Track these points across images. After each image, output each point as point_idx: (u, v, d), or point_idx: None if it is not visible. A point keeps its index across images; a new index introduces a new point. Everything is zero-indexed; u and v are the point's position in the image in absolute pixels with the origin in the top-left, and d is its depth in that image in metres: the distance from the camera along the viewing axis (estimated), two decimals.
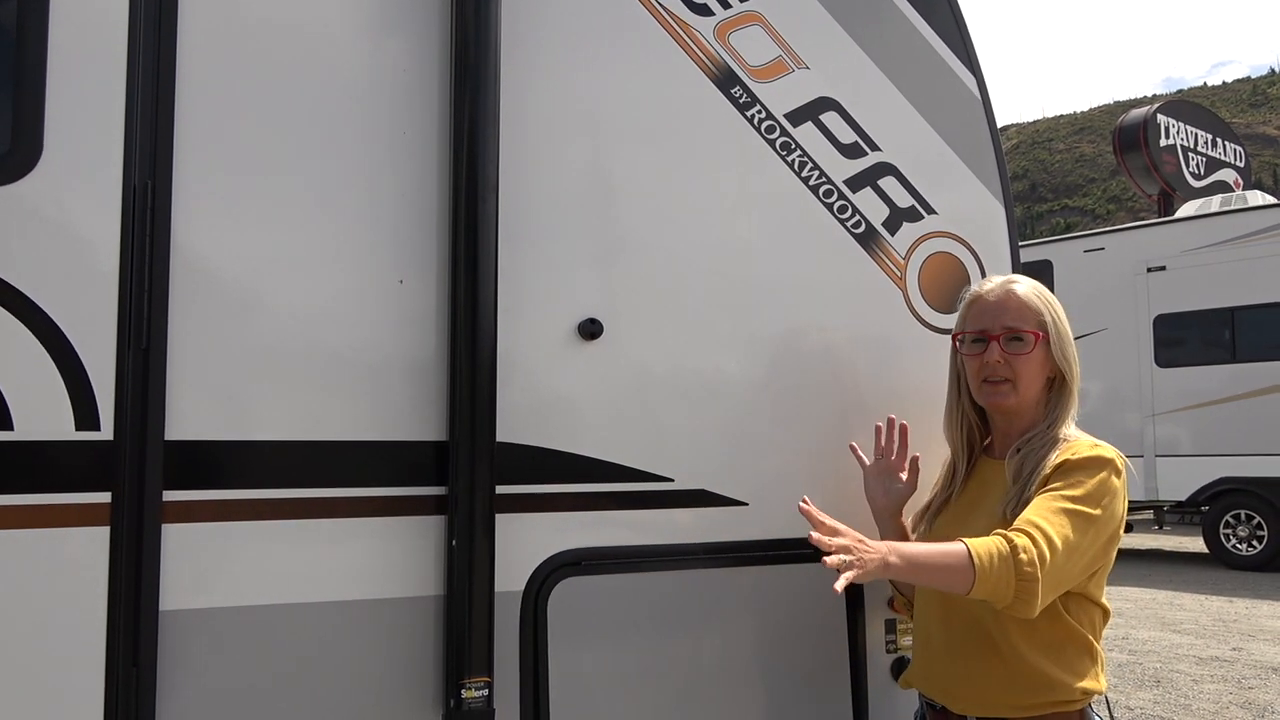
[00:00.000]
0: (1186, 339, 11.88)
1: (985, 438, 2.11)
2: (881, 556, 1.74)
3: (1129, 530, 12.50)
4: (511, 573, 1.94)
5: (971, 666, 1.92)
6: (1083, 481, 1.84)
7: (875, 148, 2.38)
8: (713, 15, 2.24)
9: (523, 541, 1.96)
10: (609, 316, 2.07)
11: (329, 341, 1.86)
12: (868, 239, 2.36)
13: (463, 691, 1.84)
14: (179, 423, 1.73)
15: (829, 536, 1.74)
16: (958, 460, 2.10)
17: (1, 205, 1.65)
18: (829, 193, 2.33)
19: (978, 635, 1.89)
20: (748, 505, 2.17)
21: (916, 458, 2.19)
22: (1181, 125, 17.64)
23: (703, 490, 2.14)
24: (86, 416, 1.67)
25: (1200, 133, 17.96)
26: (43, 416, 1.65)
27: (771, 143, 2.28)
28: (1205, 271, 11.61)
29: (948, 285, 2.41)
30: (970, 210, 2.50)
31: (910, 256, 2.41)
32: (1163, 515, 12.44)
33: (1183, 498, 11.90)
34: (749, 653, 2.17)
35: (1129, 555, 12.80)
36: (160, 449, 1.71)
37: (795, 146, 2.30)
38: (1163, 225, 13.02)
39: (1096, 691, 1.90)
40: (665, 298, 2.14)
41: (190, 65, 1.79)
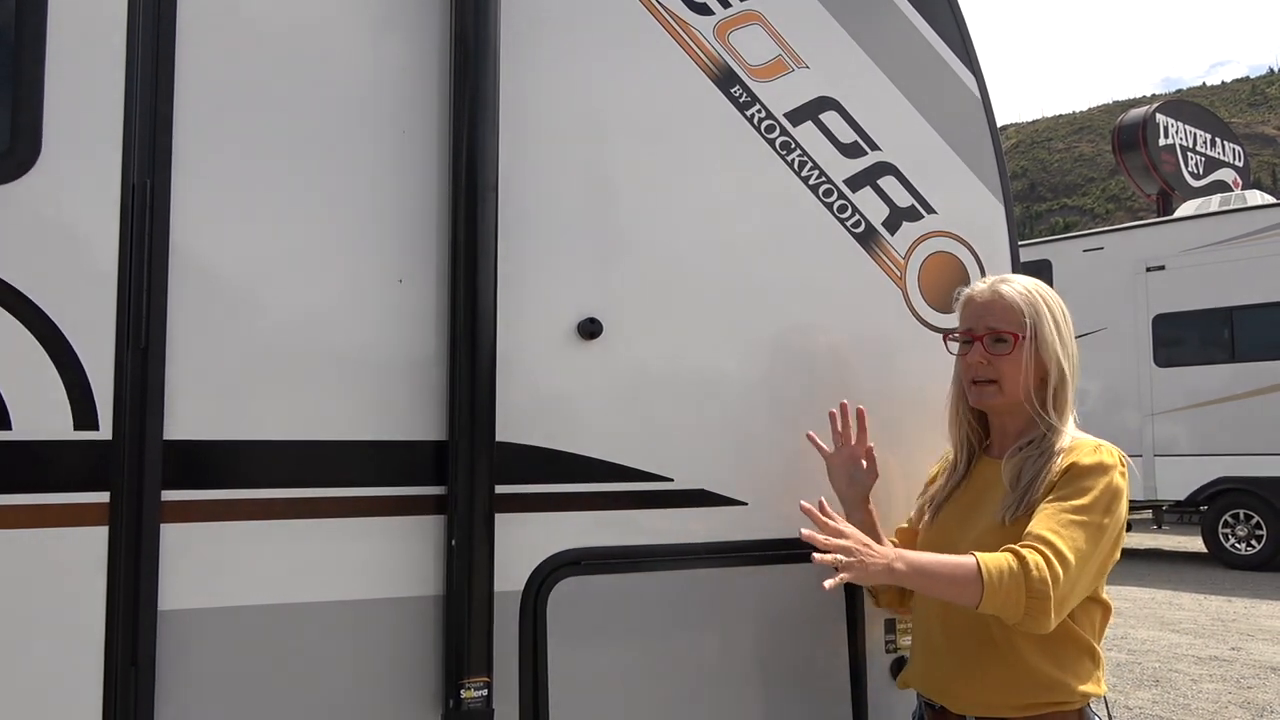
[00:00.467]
0: (1185, 338, 11.89)
1: (985, 437, 2.11)
2: (887, 562, 1.74)
3: (1128, 530, 12.48)
4: (511, 572, 1.94)
5: (971, 667, 1.92)
6: (1090, 489, 1.84)
7: (875, 147, 2.38)
8: (712, 14, 2.24)
9: (522, 541, 1.96)
10: (608, 316, 2.07)
11: (328, 341, 1.86)
12: (867, 238, 2.36)
13: (462, 691, 1.84)
14: (178, 422, 1.73)
15: (834, 537, 1.75)
16: (957, 458, 2.10)
17: (0, 204, 1.65)
18: (829, 192, 2.32)
19: (978, 636, 1.89)
20: (747, 505, 2.16)
21: (871, 447, 2.18)
22: (1180, 125, 17.64)
23: (702, 490, 2.14)
24: (85, 416, 1.67)
25: (1199, 132, 17.96)
26: (41, 416, 1.64)
27: (771, 142, 2.28)
28: (1204, 271, 11.62)
29: (947, 285, 2.40)
30: (970, 210, 2.50)
31: (910, 256, 2.40)
32: (1162, 515, 12.45)
33: (1182, 497, 11.90)
34: (748, 652, 2.17)
35: (1128, 555, 12.76)
36: (159, 449, 1.71)
37: (795, 146, 2.30)
38: (1162, 225, 13.02)
39: (1095, 694, 1.90)
40: (665, 297, 2.14)
41: (189, 64, 1.78)
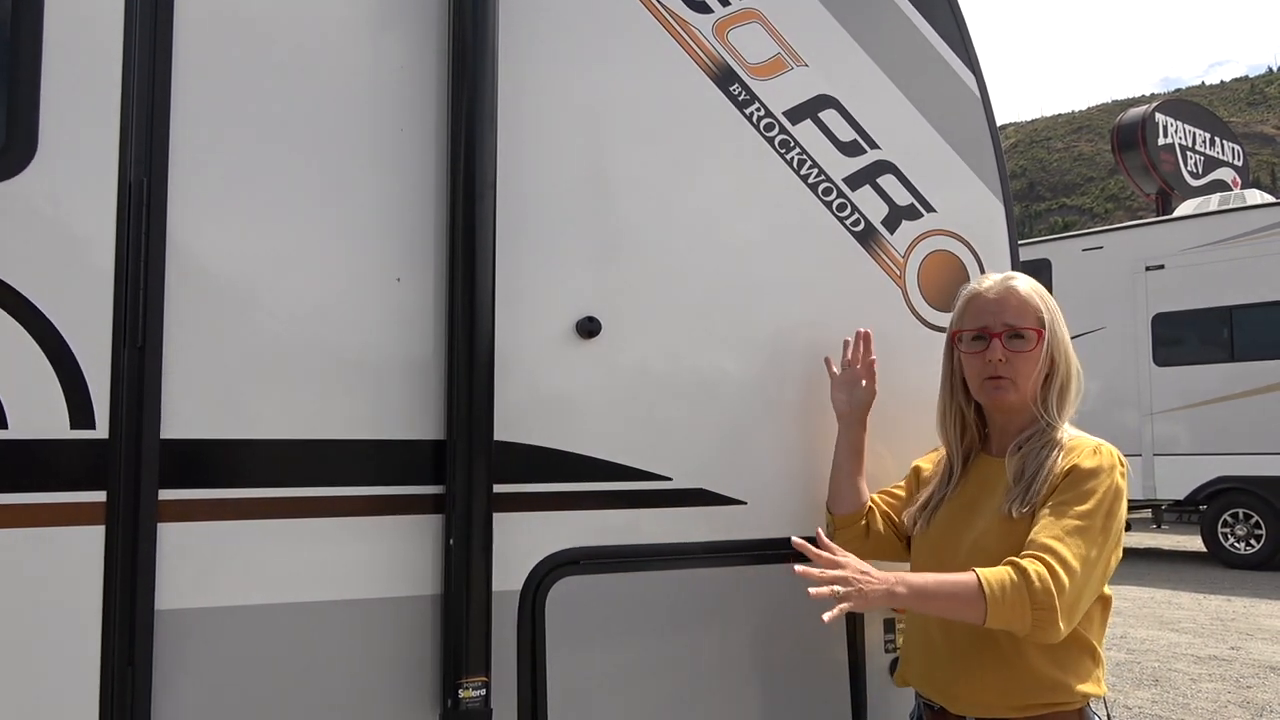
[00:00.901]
0: (1185, 338, 11.89)
1: (981, 435, 2.11)
2: (887, 587, 1.75)
3: (1127, 529, 12.48)
4: (509, 572, 1.93)
5: (972, 667, 1.91)
6: (1092, 492, 1.85)
7: (874, 145, 2.38)
8: (711, 12, 2.23)
9: (520, 540, 1.95)
10: (607, 315, 2.06)
11: (326, 339, 1.85)
12: (867, 237, 2.35)
13: (460, 691, 1.83)
14: (175, 421, 1.72)
15: (830, 569, 1.75)
16: (953, 459, 2.09)
17: None
18: (828, 191, 2.32)
19: (978, 636, 1.88)
20: (746, 504, 2.16)
21: (874, 361, 2.23)
22: (1179, 124, 17.65)
23: (701, 489, 2.13)
24: (82, 415, 1.66)
25: (1198, 132, 17.96)
26: (37, 415, 1.64)
27: (770, 140, 2.27)
28: (1203, 270, 11.62)
29: (947, 283, 2.40)
30: (969, 208, 2.49)
31: (909, 255, 2.40)
32: (1161, 514, 12.45)
33: (1181, 496, 11.91)
34: (747, 652, 2.16)
35: (1127, 554, 12.64)
36: (156, 448, 1.70)
37: (794, 144, 2.29)
38: (1161, 224, 13.02)
39: (1096, 694, 1.89)
40: (663, 296, 2.13)
41: (186, 61, 1.78)
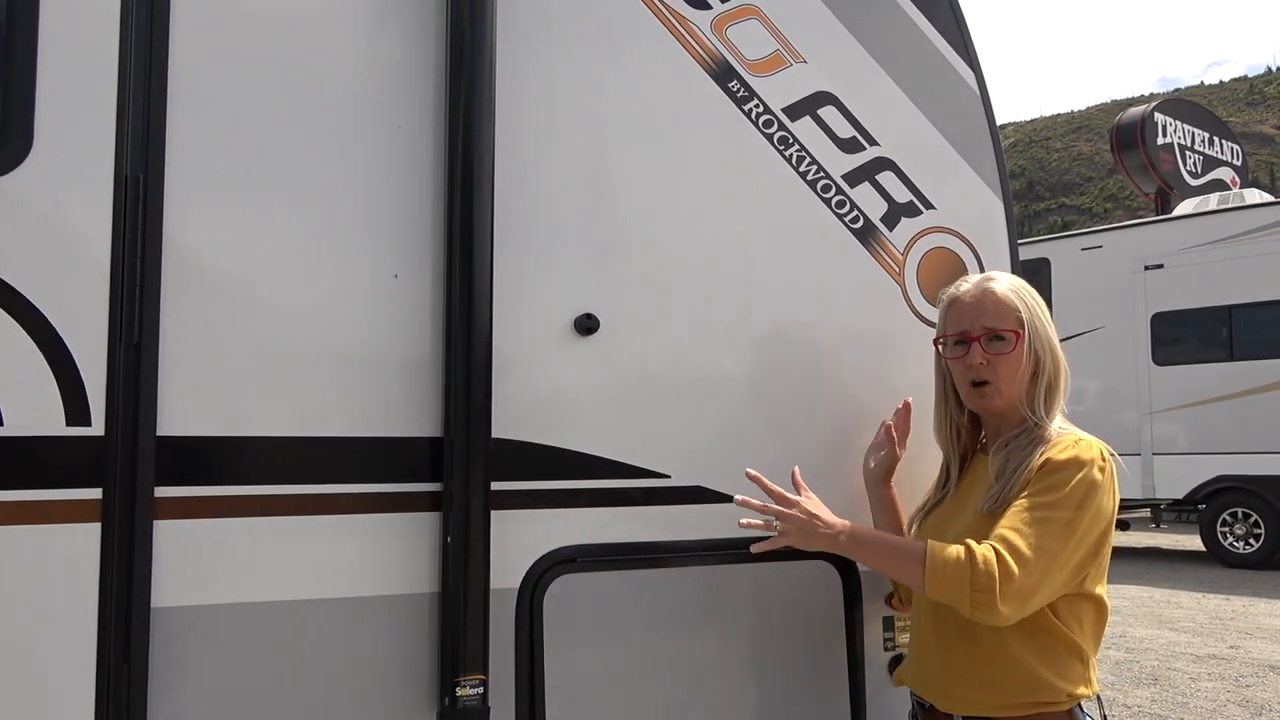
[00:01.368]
0: (1184, 337, 11.89)
1: (978, 437, 2.10)
2: (832, 533, 1.88)
3: (1125, 528, 12.53)
4: (507, 569, 1.92)
5: (960, 666, 1.91)
6: (1060, 484, 1.81)
7: (873, 142, 2.37)
8: (710, 9, 2.22)
9: (518, 538, 1.95)
10: (605, 312, 2.06)
11: (323, 336, 1.85)
12: (866, 234, 2.35)
13: (457, 689, 1.82)
14: (171, 418, 1.72)
15: (784, 506, 1.90)
16: (950, 462, 2.09)
17: None
18: (827, 188, 2.31)
19: (968, 635, 1.88)
20: None
21: (889, 425, 2.24)
22: (1179, 124, 17.65)
23: (700, 487, 2.12)
24: (77, 412, 1.66)
25: (1197, 131, 17.97)
26: (33, 412, 1.63)
27: (769, 137, 2.26)
28: (1202, 269, 11.62)
29: (946, 281, 2.37)
30: (969, 206, 2.48)
31: (909, 252, 2.39)
32: (1160, 513, 12.45)
33: (1180, 496, 11.91)
34: (746, 650, 2.16)
35: (1126, 553, 12.80)
36: (152, 445, 1.70)
37: (793, 141, 2.29)
38: (1160, 223, 13.03)
39: (1085, 695, 1.88)
40: (661, 293, 2.13)
41: (183, 57, 1.77)
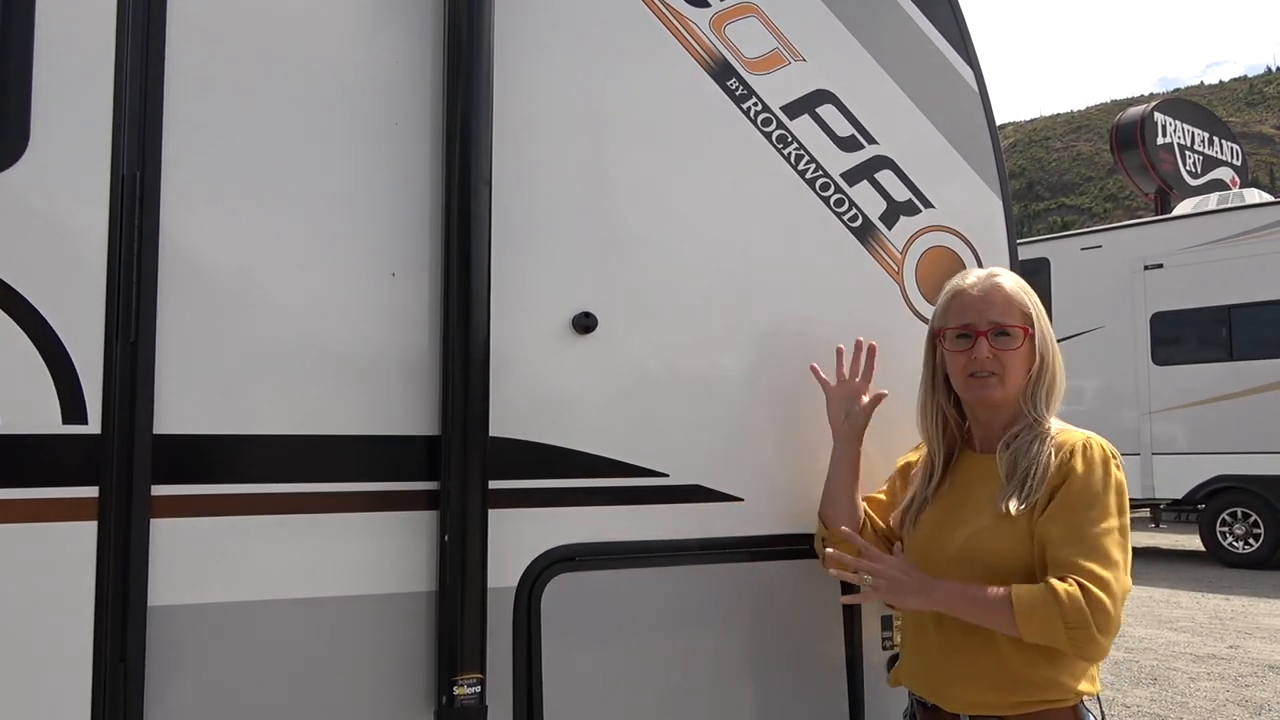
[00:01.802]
0: (1183, 337, 11.88)
1: (962, 432, 2.09)
2: (925, 588, 1.86)
3: None
4: (504, 568, 1.92)
5: (965, 666, 1.91)
6: (1101, 494, 1.85)
7: (872, 141, 2.37)
8: (708, 7, 2.22)
9: (516, 537, 1.94)
10: (603, 310, 2.05)
11: (320, 335, 1.84)
12: (864, 233, 2.34)
13: (455, 688, 1.82)
14: (167, 416, 1.71)
15: (870, 560, 1.89)
16: (934, 457, 2.07)
17: None
18: (825, 186, 2.31)
19: (973, 635, 1.88)
20: (743, 501, 2.15)
21: (881, 394, 2.19)
22: (1178, 124, 17.64)
23: (698, 486, 2.12)
24: (74, 410, 1.65)
25: (1197, 131, 17.96)
26: (29, 410, 1.63)
27: (768, 135, 2.26)
28: (1202, 269, 11.62)
29: (945, 280, 2.37)
30: (968, 204, 2.48)
31: (907, 251, 2.39)
32: (1159, 513, 12.45)
33: (1179, 495, 11.90)
34: (744, 649, 2.15)
35: None
36: (149, 443, 1.69)
37: (791, 139, 2.28)
38: (1160, 223, 13.02)
39: (1089, 692, 1.89)
40: (660, 291, 2.12)
41: (179, 55, 1.76)
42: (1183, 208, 13.38)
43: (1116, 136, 17.82)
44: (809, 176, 2.29)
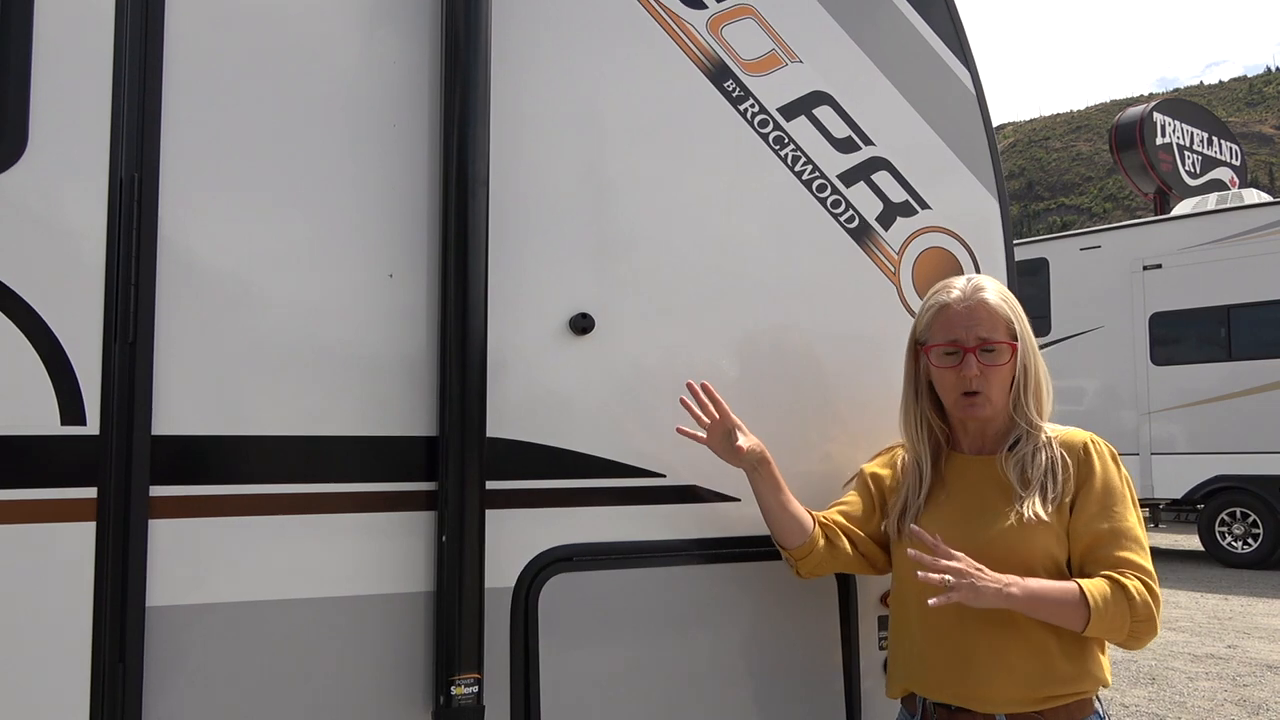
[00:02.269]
0: (1182, 337, 11.89)
1: (945, 436, 2.09)
2: (1001, 586, 1.81)
3: None
4: (502, 569, 1.93)
5: (998, 666, 1.89)
6: (1121, 494, 1.93)
7: (869, 142, 2.37)
8: (705, 8, 2.23)
9: (513, 537, 1.95)
10: (601, 311, 2.06)
11: (318, 336, 1.85)
12: (861, 234, 2.35)
13: (452, 688, 1.82)
14: (166, 417, 1.72)
15: (946, 560, 1.82)
16: (921, 462, 2.06)
17: None
18: (822, 187, 2.31)
19: (1006, 633, 1.88)
20: (740, 501, 2.15)
21: (733, 420, 2.04)
22: (1178, 124, 17.65)
23: (695, 486, 2.13)
24: (72, 411, 1.66)
25: (1196, 131, 17.97)
26: (27, 411, 1.63)
27: (764, 137, 2.27)
28: (1201, 269, 11.62)
29: (942, 280, 2.39)
30: (964, 205, 2.49)
31: (904, 251, 2.39)
32: (1158, 513, 12.44)
33: (1178, 495, 11.91)
34: (741, 649, 2.16)
35: None
36: (147, 444, 1.70)
37: (788, 140, 2.29)
38: (1159, 223, 13.02)
39: (1105, 683, 1.92)
40: (657, 292, 2.13)
41: (177, 56, 1.77)
42: (1182, 208, 13.38)
43: (1116, 136, 17.83)
44: (806, 178, 2.30)
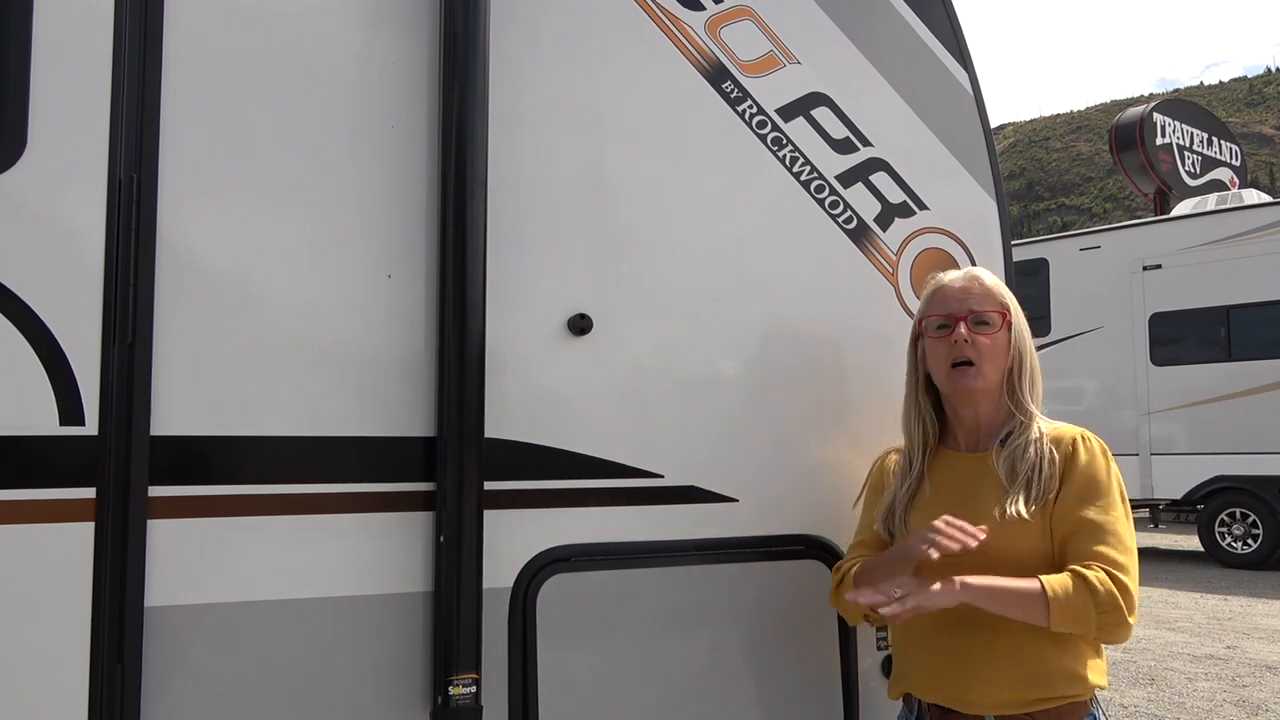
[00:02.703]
0: (1182, 337, 11.89)
1: (938, 433, 2.09)
2: (952, 587, 1.81)
3: None
4: (500, 569, 1.93)
5: (986, 667, 1.89)
6: (1107, 488, 1.91)
7: (867, 143, 2.38)
8: (703, 10, 2.23)
9: (511, 537, 1.95)
10: (599, 312, 2.06)
11: (316, 336, 1.85)
12: (859, 234, 2.35)
13: (450, 689, 1.83)
14: (164, 418, 1.72)
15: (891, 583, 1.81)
16: (913, 454, 2.07)
17: None
18: (820, 188, 2.32)
19: (996, 634, 1.88)
20: (738, 501, 2.16)
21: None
22: (1178, 124, 17.66)
23: (693, 486, 2.13)
24: (71, 411, 1.66)
25: (1196, 131, 17.98)
26: (26, 411, 1.63)
27: (763, 138, 2.27)
28: (1201, 270, 11.63)
29: None
30: (962, 205, 2.49)
31: (902, 252, 2.40)
32: (1158, 513, 12.45)
33: (1178, 496, 11.91)
34: (739, 649, 2.16)
35: None
36: (146, 444, 1.70)
37: (786, 142, 2.29)
38: (1159, 224, 13.03)
39: (1101, 685, 1.91)
40: (655, 293, 2.13)
41: (177, 57, 1.77)
42: (1182, 208, 13.39)
43: (1115, 137, 17.84)
44: (804, 179, 2.30)
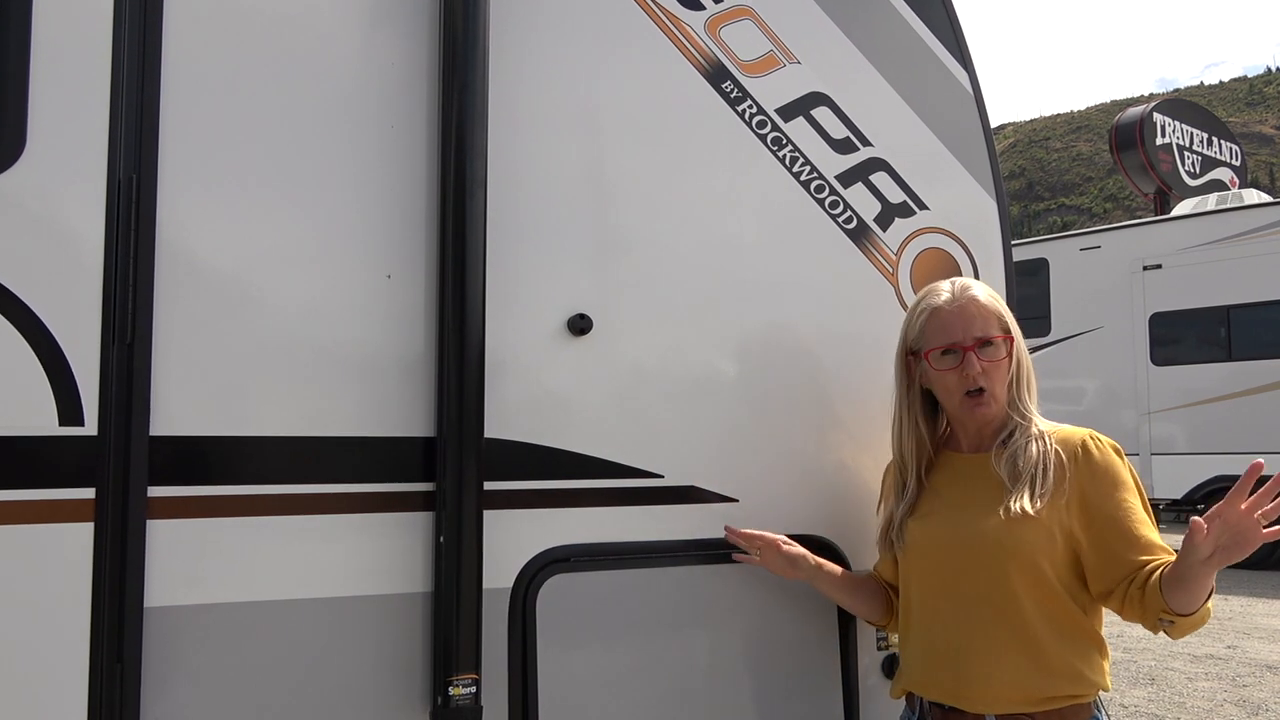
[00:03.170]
0: (1182, 337, 11.90)
1: (937, 439, 2.09)
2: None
3: None
4: (500, 569, 1.93)
5: (989, 665, 1.89)
6: (1125, 476, 1.93)
7: (867, 143, 2.37)
8: (703, 9, 2.23)
9: (511, 538, 1.95)
10: (599, 312, 2.06)
11: (316, 336, 1.85)
12: (859, 234, 2.35)
13: (450, 689, 1.83)
14: (164, 418, 1.72)
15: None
16: (907, 471, 2.06)
17: None
18: (820, 188, 2.32)
19: (1000, 634, 1.88)
20: (738, 501, 2.16)
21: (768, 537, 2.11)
22: (1178, 124, 17.67)
23: (693, 486, 2.13)
24: (70, 412, 1.66)
25: (1196, 131, 17.98)
26: (26, 411, 1.63)
27: (763, 138, 2.27)
28: (1201, 270, 11.63)
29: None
30: (962, 205, 2.49)
31: (902, 252, 2.40)
32: (1158, 513, 12.45)
33: (1178, 496, 11.91)
34: (739, 649, 2.16)
35: None
36: (145, 445, 1.70)
37: (786, 141, 2.29)
38: (1159, 224, 13.04)
39: (1105, 687, 1.90)
40: (655, 293, 2.13)
41: (176, 57, 1.77)
42: (1182, 208, 13.39)
43: (1116, 137, 17.85)
44: (804, 179, 2.30)
